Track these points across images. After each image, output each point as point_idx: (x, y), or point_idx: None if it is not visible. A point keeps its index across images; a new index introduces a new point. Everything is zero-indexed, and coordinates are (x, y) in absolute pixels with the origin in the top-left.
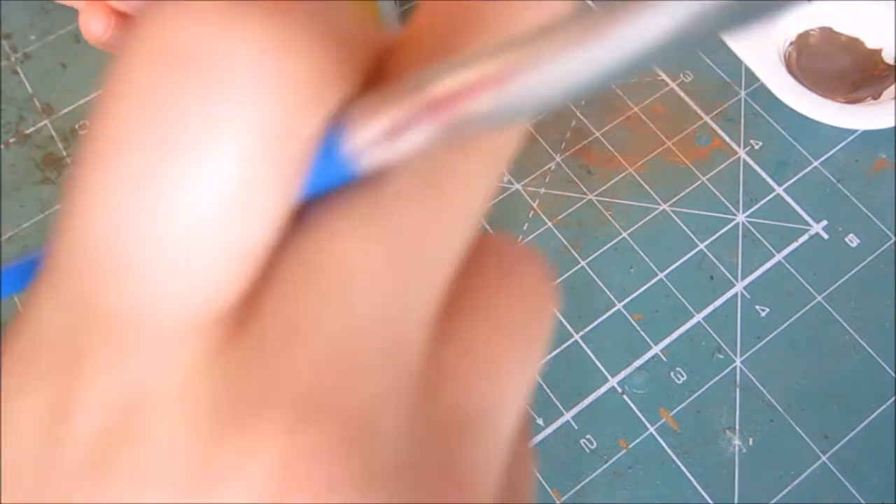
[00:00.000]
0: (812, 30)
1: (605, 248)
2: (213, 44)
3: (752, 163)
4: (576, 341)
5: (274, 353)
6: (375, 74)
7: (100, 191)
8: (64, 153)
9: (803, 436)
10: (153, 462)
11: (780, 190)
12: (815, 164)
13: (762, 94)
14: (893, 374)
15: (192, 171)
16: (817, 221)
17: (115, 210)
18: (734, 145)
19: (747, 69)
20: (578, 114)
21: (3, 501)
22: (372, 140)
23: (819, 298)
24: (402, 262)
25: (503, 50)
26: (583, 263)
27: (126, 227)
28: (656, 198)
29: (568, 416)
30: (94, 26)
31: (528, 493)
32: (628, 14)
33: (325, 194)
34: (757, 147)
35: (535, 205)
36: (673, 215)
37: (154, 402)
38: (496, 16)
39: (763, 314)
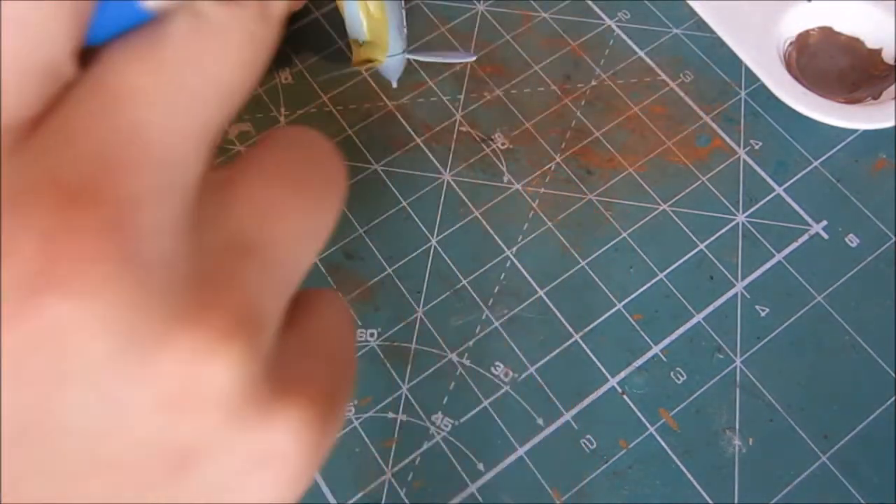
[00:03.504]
0: (812, 29)
1: (605, 248)
2: None
3: (752, 163)
4: (576, 341)
5: (52, 152)
6: None
7: None
8: None
9: (803, 436)
10: None
11: (780, 190)
12: (815, 164)
13: (762, 94)
14: (893, 374)
15: None
16: (817, 221)
17: None
18: (734, 145)
19: (747, 69)
20: (578, 114)
21: None
22: None
23: (819, 298)
24: (172, 85)
25: None
26: (583, 263)
27: None
28: (656, 198)
29: (568, 416)
30: None
31: (344, 349)
32: None
33: (117, 37)
34: (757, 147)
35: (535, 205)
36: (673, 215)
37: None
38: None
39: (763, 314)
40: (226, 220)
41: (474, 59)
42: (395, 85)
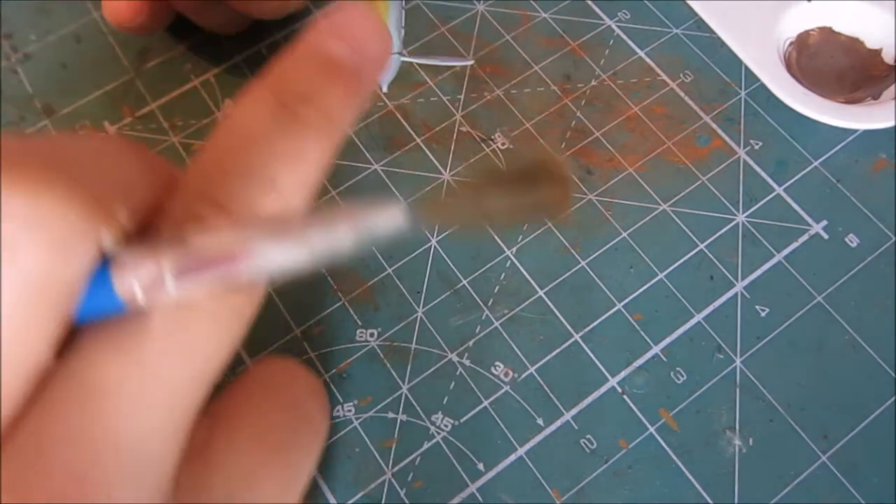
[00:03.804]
0: (812, 30)
1: (605, 248)
2: None
3: (752, 163)
4: (576, 341)
5: (27, 464)
6: (160, 209)
7: None
8: None
9: (803, 436)
10: None
11: (780, 190)
12: (815, 164)
13: (762, 94)
14: (893, 374)
15: None
16: (817, 221)
17: None
18: (734, 145)
19: (747, 69)
20: (578, 114)
21: None
22: (135, 283)
23: (819, 298)
24: (152, 382)
25: (241, 234)
26: (583, 263)
27: None
28: (656, 198)
29: (568, 416)
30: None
31: None
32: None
33: (101, 322)
34: (757, 147)
35: None
36: (673, 215)
37: None
38: (249, 173)
39: (763, 314)
40: (204, 491)
41: (472, 62)
42: (385, 89)
